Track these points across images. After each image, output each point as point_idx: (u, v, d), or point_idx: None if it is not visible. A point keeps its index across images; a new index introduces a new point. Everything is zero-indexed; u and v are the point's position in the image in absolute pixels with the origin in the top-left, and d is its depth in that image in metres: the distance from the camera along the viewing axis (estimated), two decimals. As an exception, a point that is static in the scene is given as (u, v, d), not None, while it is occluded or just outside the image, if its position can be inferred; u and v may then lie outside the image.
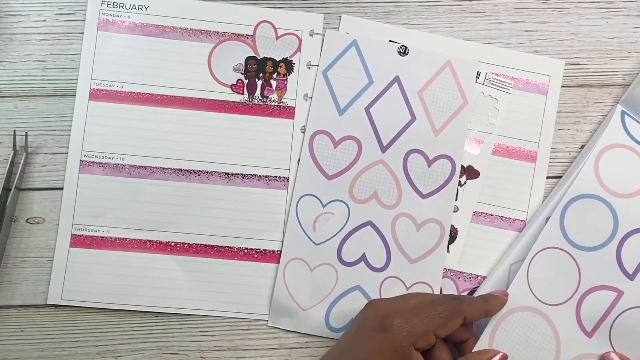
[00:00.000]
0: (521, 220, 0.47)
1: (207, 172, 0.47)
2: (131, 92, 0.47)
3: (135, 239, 0.46)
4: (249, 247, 0.47)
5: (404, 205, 0.47)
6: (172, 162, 0.47)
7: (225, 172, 0.47)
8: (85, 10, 0.48)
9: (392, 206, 0.47)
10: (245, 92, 0.48)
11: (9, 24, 0.48)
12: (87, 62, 0.47)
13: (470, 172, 0.47)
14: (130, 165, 0.47)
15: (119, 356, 0.45)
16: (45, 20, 0.48)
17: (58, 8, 0.48)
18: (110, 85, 0.47)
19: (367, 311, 0.41)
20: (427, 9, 0.49)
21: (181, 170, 0.47)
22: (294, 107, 0.48)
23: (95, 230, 0.46)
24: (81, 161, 0.47)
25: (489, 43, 0.49)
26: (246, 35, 0.48)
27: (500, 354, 0.40)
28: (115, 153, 0.47)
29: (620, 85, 0.49)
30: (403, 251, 0.47)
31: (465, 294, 0.46)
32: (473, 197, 0.47)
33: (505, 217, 0.47)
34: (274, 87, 0.48)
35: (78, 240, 0.46)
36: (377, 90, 0.48)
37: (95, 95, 0.47)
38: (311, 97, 0.48)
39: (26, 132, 0.47)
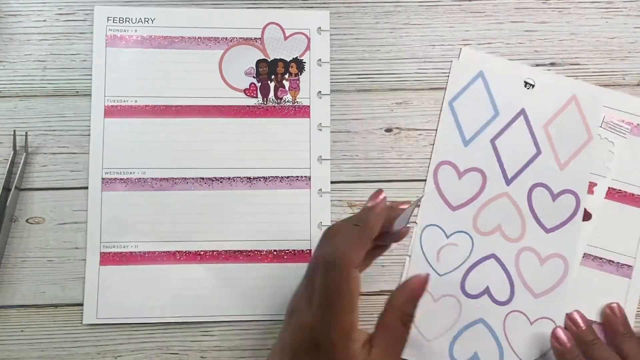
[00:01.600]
0: (629, 266, 0.47)
1: (228, 178, 0.47)
2: (145, 106, 0.47)
3: (164, 252, 0.46)
4: (278, 249, 0.47)
5: (528, 238, 0.47)
6: (194, 172, 0.47)
7: (247, 177, 0.47)
8: (85, 10, 0.48)
9: (516, 239, 0.47)
10: (259, 95, 0.48)
11: (9, 24, 0.48)
12: (98, 80, 0.47)
13: (584, 214, 0.47)
14: (152, 179, 0.47)
15: (119, 356, 0.45)
16: (45, 20, 0.48)
17: (58, 8, 0.48)
18: (124, 101, 0.47)
19: (294, 332, 0.36)
20: (427, 9, 0.49)
21: (203, 178, 0.47)
22: (308, 106, 0.48)
23: (124, 247, 0.46)
24: (103, 179, 0.46)
25: (489, 43, 0.49)
26: (254, 38, 0.48)
27: (424, 276, 0.38)
28: (136, 168, 0.47)
29: (620, 85, 0.49)
30: (527, 285, 0.46)
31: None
32: (584, 239, 0.47)
33: (613, 262, 0.47)
34: (287, 88, 0.48)
35: (107, 258, 0.46)
36: (503, 123, 0.48)
37: (110, 111, 0.47)
38: (326, 94, 0.48)
39: (26, 132, 0.47)
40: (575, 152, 0.47)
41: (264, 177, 0.47)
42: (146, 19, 0.48)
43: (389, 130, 0.48)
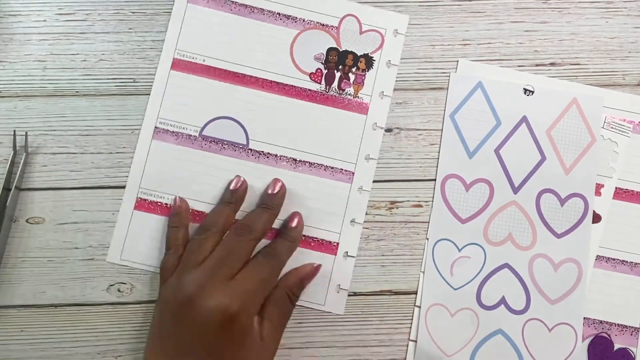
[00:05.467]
0: None
1: (275, 155, 0.47)
2: (212, 67, 0.48)
3: (197, 211, 0.47)
4: (307, 235, 0.47)
5: (539, 245, 0.47)
6: (244, 141, 0.47)
7: (293, 158, 0.47)
8: (85, 10, 0.48)
9: (527, 247, 0.47)
10: (323, 82, 0.48)
11: (9, 24, 0.48)
12: (173, 32, 0.48)
13: (593, 216, 0.47)
14: (203, 138, 0.47)
15: (119, 356, 0.45)
16: (45, 20, 0.48)
17: (58, 8, 0.48)
18: (193, 58, 0.48)
19: (204, 308, 0.40)
20: (427, 9, 0.49)
21: (251, 149, 0.47)
22: (368, 103, 0.48)
23: (160, 197, 0.47)
24: (155, 127, 0.47)
25: (489, 43, 0.49)
26: (331, 26, 0.48)
27: (315, 265, 0.46)
28: (189, 124, 0.47)
29: (620, 85, 0.49)
30: (542, 292, 0.47)
31: (589, 340, 0.46)
32: (595, 241, 0.47)
33: (627, 262, 0.47)
34: (351, 81, 0.48)
35: (142, 205, 0.47)
36: (506, 132, 0.48)
37: (177, 64, 0.47)
38: (388, 96, 0.48)
39: (26, 132, 0.47)
40: (580, 155, 0.47)
41: (309, 162, 0.47)
42: None
43: (389, 130, 0.48)
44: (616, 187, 0.48)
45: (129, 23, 0.48)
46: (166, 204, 0.47)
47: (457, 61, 0.49)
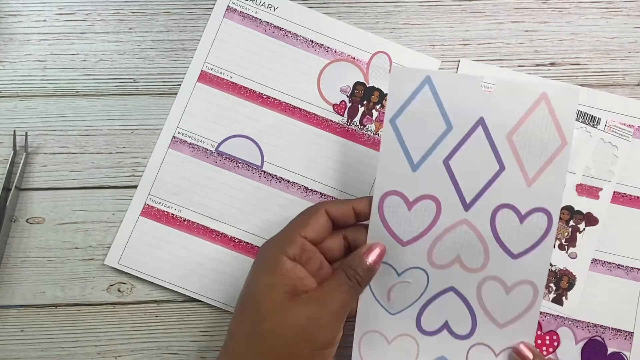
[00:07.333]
0: (638, 269, 0.47)
1: (288, 180, 0.47)
2: (237, 84, 0.48)
3: (202, 226, 0.47)
4: None
5: (491, 267, 0.41)
6: (258, 162, 0.47)
7: (304, 186, 0.47)
8: (85, 10, 0.48)
9: (477, 269, 0.41)
10: (346, 114, 0.48)
11: (9, 24, 0.48)
12: (205, 45, 0.48)
13: (590, 219, 0.47)
14: (219, 153, 0.47)
15: (119, 356, 0.46)
16: (45, 20, 0.48)
17: (58, 8, 0.48)
18: (221, 73, 0.48)
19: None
20: (427, 9, 0.49)
21: (265, 172, 0.47)
22: None
23: (168, 207, 0.47)
24: (174, 137, 0.47)
25: (489, 43, 0.49)
26: (362, 60, 0.48)
27: (377, 249, 0.39)
28: (206, 138, 0.47)
29: (620, 85, 0.49)
30: (490, 316, 0.41)
31: (582, 343, 0.46)
32: (592, 244, 0.47)
33: (623, 266, 0.47)
34: (373, 118, 0.48)
35: (149, 211, 0.47)
36: (458, 138, 0.40)
37: (204, 77, 0.48)
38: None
39: (26, 132, 0.47)
40: (546, 162, 0.40)
41: (320, 193, 0.47)
42: (269, 5, 0.48)
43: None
44: (615, 191, 0.47)
45: (128, 23, 0.48)
46: (173, 214, 0.47)
47: (459, 61, 0.49)
